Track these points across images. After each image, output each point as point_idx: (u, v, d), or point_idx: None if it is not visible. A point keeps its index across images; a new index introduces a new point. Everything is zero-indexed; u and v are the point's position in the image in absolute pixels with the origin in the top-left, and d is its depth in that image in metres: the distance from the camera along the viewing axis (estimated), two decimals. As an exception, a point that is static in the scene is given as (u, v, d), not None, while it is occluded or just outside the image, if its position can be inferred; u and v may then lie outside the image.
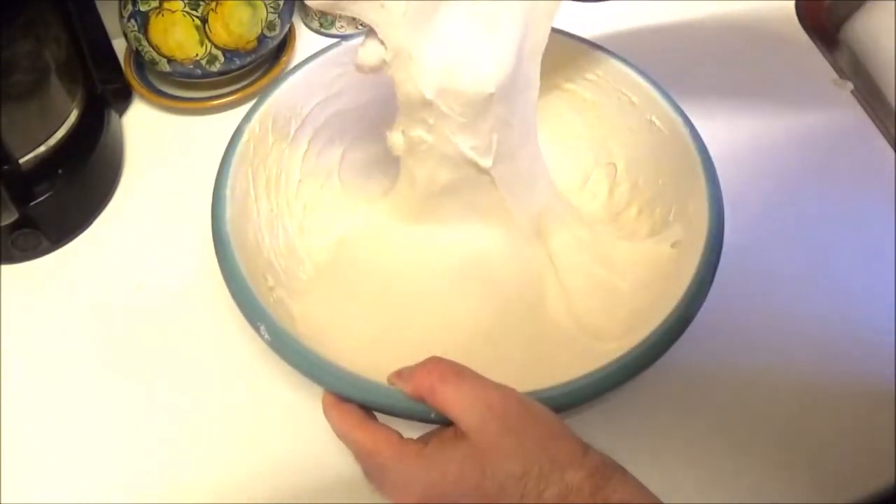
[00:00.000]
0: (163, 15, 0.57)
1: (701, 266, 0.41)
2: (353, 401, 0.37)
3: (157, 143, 0.61)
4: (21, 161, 0.50)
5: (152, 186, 0.58)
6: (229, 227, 0.42)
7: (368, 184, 0.53)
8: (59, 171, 0.53)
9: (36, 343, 0.50)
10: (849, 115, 0.63)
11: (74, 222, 0.55)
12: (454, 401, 0.33)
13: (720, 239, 0.42)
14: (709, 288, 0.40)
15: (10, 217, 0.49)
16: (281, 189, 0.50)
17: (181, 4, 0.57)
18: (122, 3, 0.58)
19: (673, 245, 0.45)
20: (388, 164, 0.51)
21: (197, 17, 0.57)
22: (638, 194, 0.51)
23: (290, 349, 0.38)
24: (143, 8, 0.57)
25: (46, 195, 0.51)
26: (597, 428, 0.43)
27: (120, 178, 0.58)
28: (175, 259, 0.53)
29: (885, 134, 0.61)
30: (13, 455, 0.45)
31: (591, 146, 0.54)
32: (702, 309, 0.40)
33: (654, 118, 0.49)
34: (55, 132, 0.52)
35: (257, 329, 0.39)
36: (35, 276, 0.53)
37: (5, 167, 0.48)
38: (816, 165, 0.59)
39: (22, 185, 0.50)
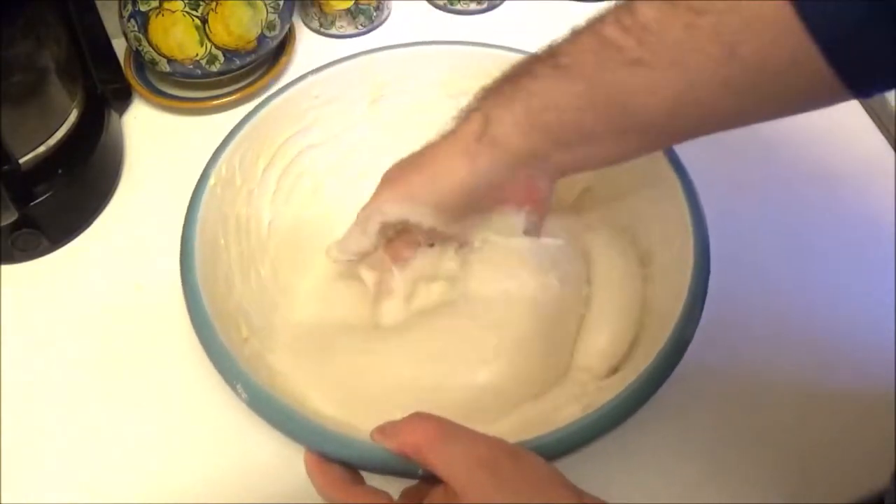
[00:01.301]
0: (163, 15, 0.57)
1: (689, 296, 0.40)
2: (337, 459, 0.35)
3: (157, 143, 0.61)
4: (21, 161, 0.50)
5: (152, 186, 0.58)
6: (199, 275, 0.41)
7: None
8: (59, 171, 0.53)
9: (36, 343, 0.50)
10: (849, 115, 0.63)
11: (74, 222, 0.55)
12: (442, 460, 0.32)
13: (707, 265, 0.41)
14: (700, 313, 0.40)
15: (10, 217, 0.49)
16: (252, 230, 0.48)
17: (181, 4, 0.57)
18: (122, 3, 0.58)
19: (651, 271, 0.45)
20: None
21: (197, 17, 0.57)
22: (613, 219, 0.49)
23: (269, 407, 0.37)
24: (143, 8, 0.57)
25: (46, 195, 0.52)
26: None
27: (120, 178, 0.58)
28: (175, 259, 0.52)
29: (885, 134, 0.61)
30: (13, 455, 0.45)
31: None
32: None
33: None
34: (55, 132, 0.52)
35: (234, 388, 0.37)
36: (35, 276, 0.53)
37: (5, 167, 0.48)
38: (816, 166, 0.59)
39: (22, 185, 0.50)
